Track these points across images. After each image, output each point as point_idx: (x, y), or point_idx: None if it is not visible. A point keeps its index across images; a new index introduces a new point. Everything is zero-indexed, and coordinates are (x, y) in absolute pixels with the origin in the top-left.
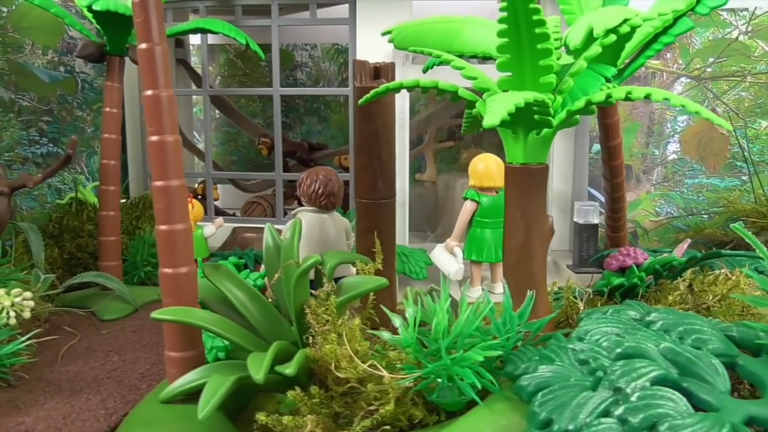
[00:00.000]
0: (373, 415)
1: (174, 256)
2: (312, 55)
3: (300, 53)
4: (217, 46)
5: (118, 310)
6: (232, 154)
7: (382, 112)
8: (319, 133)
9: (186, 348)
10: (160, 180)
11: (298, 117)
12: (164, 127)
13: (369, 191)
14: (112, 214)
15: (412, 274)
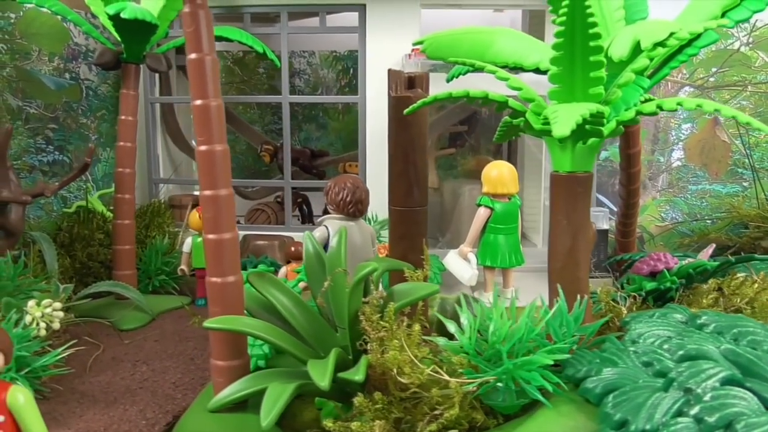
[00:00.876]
0: (437, 419)
1: (222, 265)
2: (310, 62)
3: (298, 60)
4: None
5: (136, 320)
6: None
7: (417, 121)
8: (317, 140)
9: (233, 357)
10: (208, 189)
11: (297, 124)
12: (213, 136)
13: (404, 199)
14: (127, 223)
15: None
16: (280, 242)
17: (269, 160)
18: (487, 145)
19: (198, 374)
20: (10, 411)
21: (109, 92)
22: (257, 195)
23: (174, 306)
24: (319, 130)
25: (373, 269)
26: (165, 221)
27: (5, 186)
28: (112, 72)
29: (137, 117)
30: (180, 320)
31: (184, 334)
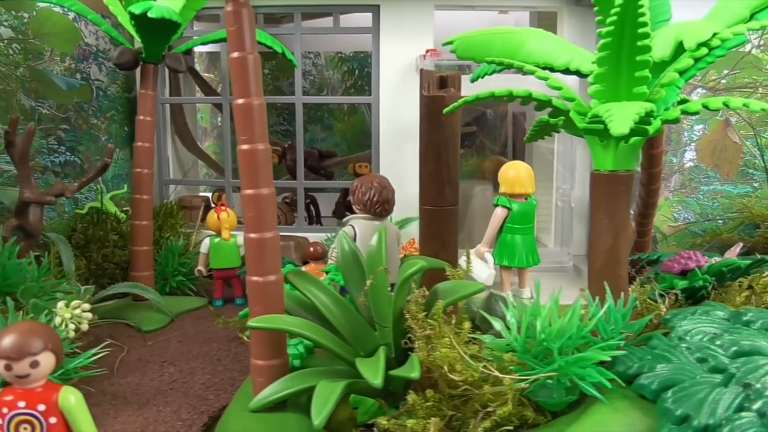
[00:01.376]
0: (490, 416)
1: (263, 264)
2: (315, 63)
3: (303, 62)
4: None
5: (155, 321)
6: (234, 161)
7: (450, 121)
8: (323, 141)
9: (273, 356)
10: (250, 188)
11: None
12: (256, 135)
13: (436, 198)
14: (145, 224)
15: None
16: (295, 243)
17: (278, 160)
18: (492, 146)
19: (227, 375)
20: (62, 412)
21: (119, 93)
22: None
23: (192, 307)
24: (324, 131)
25: (421, 268)
26: (177, 222)
27: (27, 186)
28: (122, 72)
29: (155, 117)
30: (200, 321)
31: (206, 335)
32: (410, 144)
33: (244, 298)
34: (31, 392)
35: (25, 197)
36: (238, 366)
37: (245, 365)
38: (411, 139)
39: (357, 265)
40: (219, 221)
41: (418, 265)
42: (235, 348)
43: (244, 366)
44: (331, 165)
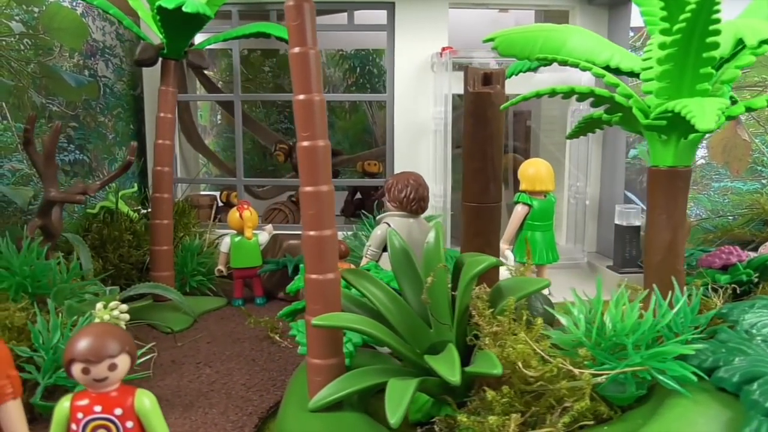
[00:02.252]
0: (568, 411)
1: (322, 262)
2: None
3: None
4: (218, 50)
5: (179, 322)
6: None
7: (496, 117)
8: None
9: (331, 355)
10: (310, 185)
11: None
12: (316, 132)
13: (480, 195)
14: (165, 223)
15: None
16: None
17: (284, 159)
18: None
19: (265, 375)
20: (137, 416)
21: (124, 90)
22: (268, 194)
23: (213, 307)
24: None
25: (490, 265)
26: (190, 221)
27: (52, 185)
28: (127, 70)
29: (176, 114)
30: (223, 321)
31: (235, 335)
32: (424, 141)
33: (264, 297)
34: (106, 396)
35: (51, 196)
36: (274, 366)
37: (281, 365)
38: (425, 136)
39: (408, 262)
40: (241, 220)
41: (486, 262)
42: (267, 348)
43: (280, 366)
44: (337, 163)
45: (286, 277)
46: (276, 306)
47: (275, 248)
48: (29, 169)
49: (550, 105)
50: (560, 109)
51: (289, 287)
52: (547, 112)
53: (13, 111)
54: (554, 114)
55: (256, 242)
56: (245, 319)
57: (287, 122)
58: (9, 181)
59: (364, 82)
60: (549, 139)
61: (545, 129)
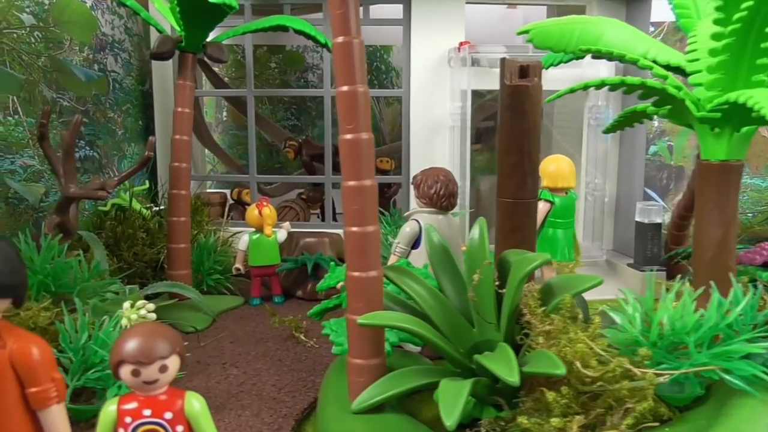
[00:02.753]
0: (630, 413)
1: (365, 259)
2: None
3: (311, 55)
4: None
5: (197, 321)
6: (242, 157)
7: (533, 110)
8: (333, 136)
9: (373, 355)
10: (353, 180)
11: (310, 120)
12: (360, 124)
13: (517, 191)
14: (182, 220)
15: None
16: (330, 239)
17: (294, 156)
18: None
19: (294, 376)
20: (187, 420)
21: (133, 85)
22: (277, 192)
23: (230, 306)
24: (333, 126)
25: (543, 262)
26: (203, 219)
27: (72, 181)
28: (136, 65)
29: (193, 109)
30: (243, 321)
31: (257, 334)
32: (440, 137)
33: (282, 296)
34: (155, 399)
35: (71, 192)
36: (302, 366)
37: (309, 365)
38: (441, 132)
39: (448, 259)
40: (260, 217)
41: (540, 260)
42: (293, 347)
43: (308, 366)
44: None
45: (304, 276)
46: (294, 305)
47: (291, 246)
48: (40, 165)
49: (562, 100)
50: (574, 105)
51: (319, 285)
52: (561, 108)
53: (24, 105)
54: (567, 110)
55: (275, 240)
56: (265, 318)
57: (294, 119)
58: (20, 177)
59: (372, 78)
60: (563, 135)
61: (558, 125)
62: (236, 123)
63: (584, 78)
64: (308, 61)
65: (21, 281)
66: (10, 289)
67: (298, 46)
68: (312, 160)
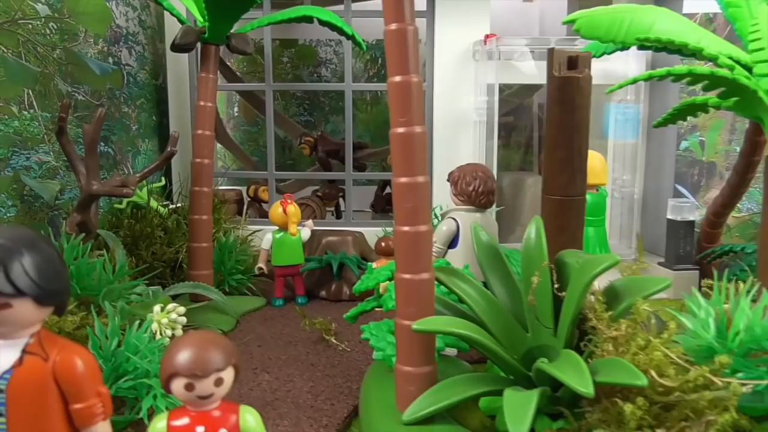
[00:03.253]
0: (713, 425)
1: (417, 260)
2: (337, 51)
3: (324, 49)
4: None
5: (221, 323)
6: (253, 154)
7: (583, 104)
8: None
9: (424, 363)
10: (406, 176)
11: (323, 115)
12: (413, 117)
13: (566, 188)
14: (205, 218)
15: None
16: (353, 237)
17: (309, 152)
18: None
19: (329, 382)
20: None
21: (147, 80)
22: (290, 189)
23: (253, 307)
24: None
25: (612, 264)
26: (222, 217)
27: (94, 177)
28: (150, 58)
29: (216, 103)
30: (268, 322)
31: (285, 337)
32: (465, 132)
33: (305, 297)
34: (208, 415)
35: (94, 190)
36: (336, 371)
37: (343, 370)
38: (466, 126)
39: (497, 259)
40: (285, 215)
41: (608, 262)
42: (324, 351)
43: (342, 371)
44: (364, 156)
45: (328, 276)
46: (318, 305)
47: (312, 245)
48: (56, 161)
49: None
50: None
51: (357, 287)
52: None
53: (40, 99)
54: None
55: (299, 239)
56: (290, 320)
57: (307, 115)
58: (36, 173)
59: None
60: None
61: None
62: (247, 118)
63: (612, 71)
64: (321, 55)
65: (64, 286)
66: (54, 295)
67: (311, 41)
68: (328, 156)
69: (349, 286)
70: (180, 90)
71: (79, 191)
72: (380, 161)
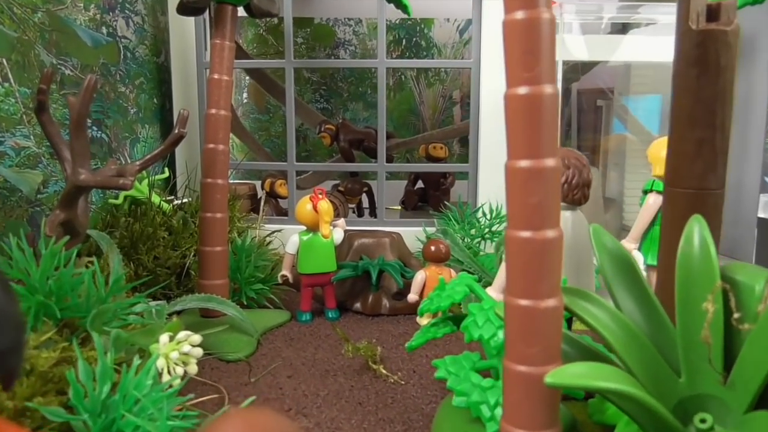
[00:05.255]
0: None
1: (542, 280)
2: (356, 31)
3: (342, 29)
4: (245, 19)
5: (239, 345)
6: (265, 144)
7: (730, 65)
8: (365, 121)
9: (547, 425)
10: (527, 158)
11: (341, 102)
12: (543, 71)
13: (702, 177)
14: (219, 217)
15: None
16: (390, 239)
17: (330, 142)
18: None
19: (386, 428)
20: None
21: (147, 56)
22: (308, 183)
23: (276, 323)
24: (367, 110)
25: None
26: (235, 215)
27: (83, 164)
28: (150, 31)
29: (233, 77)
30: (294, 343)
31: (319, 364)
32: None
33: (336, 310)
34: None
35: (81, 180)
36: (393, 414)
37: (400, 410)
38: None
39: (629, 272)
40: (315, 213)
41: None
42: (371, 383)
43: (399, 413)
44: (392, 147)
45: (361, 285)
46: (352, 321)
47: (343, 248)
48: (37, 146)
49: (641, 79)
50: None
51: (423, 307)
52: (639, 87)
53: (17, 72)
54: (647, 86)
55: (331, 242)
56: (321, 339)
57: (324, 101)
58: (12, 161)
59: (411, 55)
60: (627, 117)
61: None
62: (259, 106)
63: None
64: (339, 36)
65: (12, 343)
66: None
67: (328, 20)
68: (350, 146)
69: (389, 298)
70: (185, 69)
71: (65, 182)
72: (404, 153)
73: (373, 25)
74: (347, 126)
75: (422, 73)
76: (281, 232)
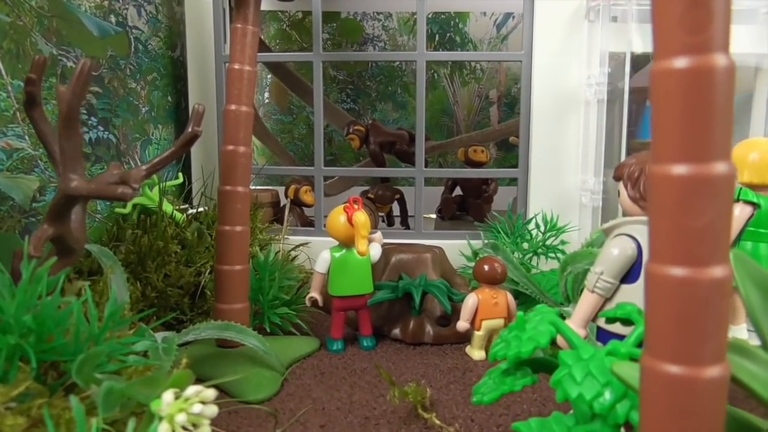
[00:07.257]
0: None
1: (706, 338)
2: (386, 26)
3: (371, 24)
4: (267, 13)
5: (263, 384)
6: (287, 147)
7: None
8: (395, 122)
9: None
10: (687, 161)
11: (369, 102)
12: (714, 35)
13: None
14: (239, 230)
15: None
16: (432, 255)
17: (359, 144)
18: None
19: None
20: None
21: (161, 50)
22: (334, 189)
23: (303, 354)
24: (397, 111)
25: None
26: (257, 225)
27: (75, 169)
28: (164, 23)
29: (257, 67)
30: (326, 379)
31: (358, 408)
32: (574, 114)
33: (372, 337)
34: None
35: (72, 188)
36: None
37: None
38: (574, 107)
39: None
40: (350, 226)
41: None
42: None
43: None
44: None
45: (403, 307)
46: (390, 351)
47: (378, 266)
48: (33, 148)
49: None
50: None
51: (495, 352)
52: None
53: (10, 62)
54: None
55: (368, 259)
56: (359, 374)
57: (350, 101)
58: (2, 165)
59: (444, 51)
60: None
61: None
62: (281, 106)
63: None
64: (368, 31)
65: None
66: None
67: (356, 14)
68: (381, 149)
69: (432, 323)
70: (203, 64)
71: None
72: (437, 157)
73: (404, 20)
74: (378, 127)
75: (456, 71)
76: (308, 245)
